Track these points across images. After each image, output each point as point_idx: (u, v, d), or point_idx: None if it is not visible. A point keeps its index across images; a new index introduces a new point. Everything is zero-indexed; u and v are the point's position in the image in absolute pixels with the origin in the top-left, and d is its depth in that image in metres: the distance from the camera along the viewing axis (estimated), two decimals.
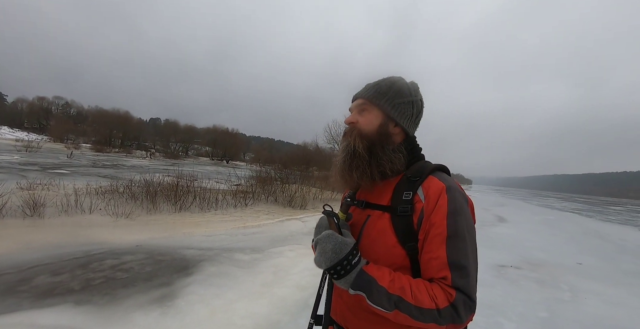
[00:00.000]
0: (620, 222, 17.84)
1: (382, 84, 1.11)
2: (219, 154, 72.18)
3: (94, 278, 3.74)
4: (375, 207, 1.04)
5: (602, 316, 3.82)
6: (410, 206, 0.96)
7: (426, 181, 0.99)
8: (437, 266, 0.88)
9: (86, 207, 6.94)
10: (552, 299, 4.24)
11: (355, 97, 1.15)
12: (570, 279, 5.26)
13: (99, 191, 8.26)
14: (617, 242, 9.86)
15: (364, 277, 0.87)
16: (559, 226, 12.97)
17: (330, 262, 0.88)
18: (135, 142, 71.48)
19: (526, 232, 10.34)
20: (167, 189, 8.78)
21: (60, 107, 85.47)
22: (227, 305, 3.29)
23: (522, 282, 4.88)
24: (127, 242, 5.39)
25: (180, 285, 3.68)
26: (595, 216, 21.87)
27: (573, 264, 6.35)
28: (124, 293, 3.40)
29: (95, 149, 45.46)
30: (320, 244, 0.91)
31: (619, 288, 4.98)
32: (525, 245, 7.91)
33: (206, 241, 5.91)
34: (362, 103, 1.11)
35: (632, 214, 26.77)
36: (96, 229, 5.98)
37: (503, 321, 3.44)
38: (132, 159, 34.13)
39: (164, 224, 6.97)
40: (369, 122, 1.09)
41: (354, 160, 1.05)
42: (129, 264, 4.27)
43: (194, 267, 4.29)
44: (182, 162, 31.80)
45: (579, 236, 10.65)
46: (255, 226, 7.66)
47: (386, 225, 0.98)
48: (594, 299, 4.38)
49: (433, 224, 0.91)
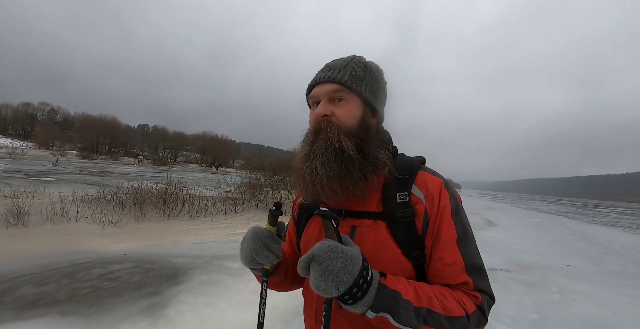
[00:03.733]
0: (605, 224, 18.16)
1: (355, 66, 0.91)
2: (209, 161, 71.76)
3: (80, 287, 3.66)
4: (361, 216, 0.86)
5: (590, 316, 3.87)
6: (411, 209, 0.81)
7: (419, 178, 0.87)
8: (454, 272, 0.78)
9: (72, 216, 6.81)
10: (541, 301, 4.28)
11: (322, 80, 0.89)
12: (559, 280, 5.33)
13: (85, 198, 8.14)
14: (603, 243, 10.03)
15: (386, 293, 0.68)
16: (546, 229, 13.14)
17: (344, 286, 0.64)
18: (122, 149, 70.76)
19: (515, 235, 10.45)
20: (156, 197, 8.68)
21: (46, 114, 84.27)
22: (218, 313, 3.24)
23: (512, 285, 4.92)
24: (115, 251, 5.30)
25: (169, 294, 3.62)
26: (582, 218, 22.23)
27: (561, 266, 6.43)
28: (112, 303, 3.33)
29: (82, 156, 44.85)
30: (322, 263, 0.64)
31: (606, 289, 5.05)
32: (514, 248, 7.99)
33: (196, 248, 5.84)
34: (335, 89, 0.87)
35: (616, 216, 27.29)
36: (82, 238, 5.87)
37: (494, 323, 3.45)
38: (119, 166, 33.72)
39: (152, 232, 6.87)
40: (349, 114, 0.87)
41: (342, 164, 0.82)
42: (117, 273, 4.18)
43: (184, 275, 4.23)
44: (171, 169, 31.48)
45: (566, 238, 10.81)
46: (245, 233, 7.59)
47: (384, 235, 0.81)
48: (582, 300, 4.44)
49: (442, 227, 0.81)
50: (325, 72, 0.90)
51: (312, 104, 0.94)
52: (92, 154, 49.30)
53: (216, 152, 72.72)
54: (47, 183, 11.86)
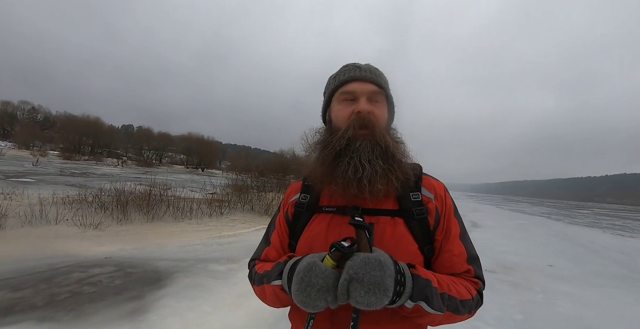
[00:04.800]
0: (586, 225, 18.62)
1: (381, 74, 0.99)
2: (194, 162, 70.92)
3: (59, 292, 3.54)
4: (378, 213, 0.90)
5: (573, 316, 3.93)
6: (424, 207, 0.91)
7: (425, 181, 0.97)
8: (460, 262, 0.89)
9: (52, 218, 6.62)
10: (526, 302, 4.33)
11: (363, 78, 0.94)
12: (543, 281, 5.41)
13: (66, 200, 7.92)
14: (585, 244, 10.26)
15: (420, 282, 0.74)
16: (530, 230, 13.37)
17: (391, 290, 0.67)
18: (106, 149, 69.39)
19: (500, 237, 10.60)
20: (139, 198, 8.51)
21: (26, 113, 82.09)
22: (202, 318, 3.17)
23: (498, 286, 4.97)
24: (96, 254, 5.16)
25: (152, 298, 3.53)
26: (564, 219, 22.73)
27: (544, 266, 6.54)
28: (92, 308, 3.23)
29: (64, 156, 43.81)
30: (362, 280, 0.65)
31: (588, 289, 5.15)
32: (499, 249, 8.10)
33: (180, 251, 5.73)
34: (375, 91, 0.94)
35: (597, 217, 28.02)
36: (62, 241, 5.70)
37: (480, 325, 3.47)
38: (102, 167, 33.06)
39: (135, 235, 6.72)
40: (383, 116, 0.95)
41: (386, 162, 0.87)
42: (97, 277, 4.07)
43: (167, 279, 4.14)
44: (156, 171, 30.98)
45: (549, 239, 11.01)
46: (231, 235, 7.50)
47: (403, 231, 0.88)
48: (565, 300, 4.51)
49: (450, 223, 0.93)
50: (362, 71, 0.96)
51: (343, 100, 0.96)
52: (74, 154, 48.13)
53: (202, 154, 71.91)
54: (27, 184, 11.51)
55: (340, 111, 0.95)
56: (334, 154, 0.89)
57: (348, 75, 0.96)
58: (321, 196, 0.98)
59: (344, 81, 0.96)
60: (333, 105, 0.99)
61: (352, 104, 0.94)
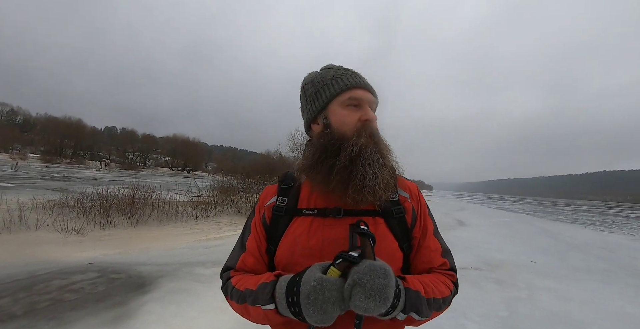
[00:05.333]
0: (568, 221, 19.04)
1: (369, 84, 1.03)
2: (180, 164, 69.99)
3: (39, 301, 3.44)
4: (360, 214, 0.91)
5: (556, 311, 4.01)
6: (402, 206, 0.96)
7: (400, 181, 1.02)
8: (436, 256, 0.95)
9: (32, 223, 6.44)
10: (510, 298, 4.40)
11: (366, 86, 0.98)
12: (527, 277, 5.51)
13: (46, 205, 7.72)
14: (567, 240, 10.49)
15: (411, 295, 0.78)
16: (514, 227, 13.62)
17: (390, 299, 0.68)
18: (88, 152, 67.95)
19: (484, 234, 10.77)
20: (123, 202, 8.37)
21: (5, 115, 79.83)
22: (188, 323, 3.12)
23: (482, 283, 5.04)
24: (78, 260, 5.04)
25: (136, 304, 3.46)
26: (546, 216, 23.22)
27: (528, 263, 6.66)
28: (73, 316, 3.14)
29: (44, 159, 42.80)
30: (365, 285, 0.66)
31: (570, 284, 5.27)
32: (484, 247, 8.22)
33: (165, 255, 5.64)
34: (375, 102, 1.00)
35: (578, 214, 28.68)
36: (42, 247, 5.56)
37: (465, 322, 3.51)
38: (85, 171, 32.34)
39: (118, 240, 6.60)
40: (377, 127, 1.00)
41: (387, 171, 0.93)
42: (79, 284, 3.97)
43: (151, 284, 4.06)
44: (140, 173, 30.51)
45: (532, 236, 11.23)
46: (217, 238, 7.43)
47: (384, 230, 0.91)
48: (548, 295, 4.60)
49: (426, 221, 0.99)
50: (363, 80, 0.99)
51: (348, 105, 0.95)
52: (55, 157, 47.07)
53: (188, 156, 70.99)
54: (5, 189, 11.16)
55: (347, 116, 0.94)
56: (347, 162, 0.88)
57: (354, 81, 0.95)
58: (299, 199, 0.97)
59: (351, 86, 0.95)
60: (334, 109, 0.96)
61: (357, 110, 0.94)
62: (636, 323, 3.79)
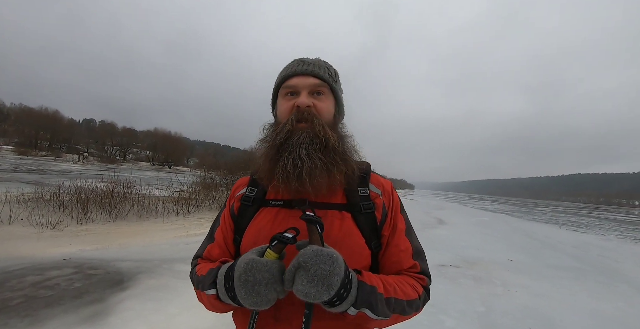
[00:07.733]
0: (544, 221, 19.69)
1: (329, 68, 0.99)
2: (161, 159, 68.60)
3: (12, 297, 3.34)
4: (326, 207, 0.90)
5: (530, 307, 4.15)
6: (372, 202, 0.92)
7: (373, 177, 1.00)
8: (406, 257, 0.90)
9: (5, 218, 6.23)
10: (487, 294, 4.52)
11: (304, 72, 0.94)
12: (503, 274, 5.67)
13: (20, 198, 7.48)
14: (542, 239, 10.83)
15: (365, 289, 0.72)
16: (492, 226, 13.97)
17: (335, 288, 0.65)
18: (65, 145, 65.91)
19: (463, 233, 11.00)
20: (101, 197, 8.17)
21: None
22: (167, 320, 3.09)
23: (461, 279, 5.16)
24: (53, 255, 4.91)
25: (114, 301, 3.40)
26: (523, 216, 23.92)
27: (505, 260, 6.85)
28: (48, 313, 3.07)
29: (19, 151, 41.32)
30: (309, 269, 0.64)
31: (544, 281, 5.45)
32: (462, 245, 8.41)
33: (144, 251, 5.55)
34: (318, 84, 0.93)
35: (554, 214, 29.64)
36: (16, 242, 5.39)
37: (444, 317, 3.60)
38: (61, 164, 31.40)
39: (96, 235, 6.45)
40: (327, 109, 0.94)
41: (327, 156, 0.86)
42: (55, 280, 3.87)
43: (130, 280, 4.00)
44: (119, 167, 29.75)
45: (509, 234, 11.55)
46: (198, 234, 7.33)
47: (350, 225, 0.88)
48: (522, 292, 4.75)
49: (396, 219, 0.95)
50: (305, 65, 0.95)
51: (285, 94, 0.96)
52: (30, 149, 45.47)
53: (169, 150, 69.47)
54: None
55: (282, 105, 0.95)
56: (276, 149, 0.89)
57: (291, 71, 0.95)
58: (268, 190, 0.97)
59: (287, 76, 0.96)
60: (279, 101, 0.98)
61: (293, 98, 0.94)
62: (605, 318, 3.97)
